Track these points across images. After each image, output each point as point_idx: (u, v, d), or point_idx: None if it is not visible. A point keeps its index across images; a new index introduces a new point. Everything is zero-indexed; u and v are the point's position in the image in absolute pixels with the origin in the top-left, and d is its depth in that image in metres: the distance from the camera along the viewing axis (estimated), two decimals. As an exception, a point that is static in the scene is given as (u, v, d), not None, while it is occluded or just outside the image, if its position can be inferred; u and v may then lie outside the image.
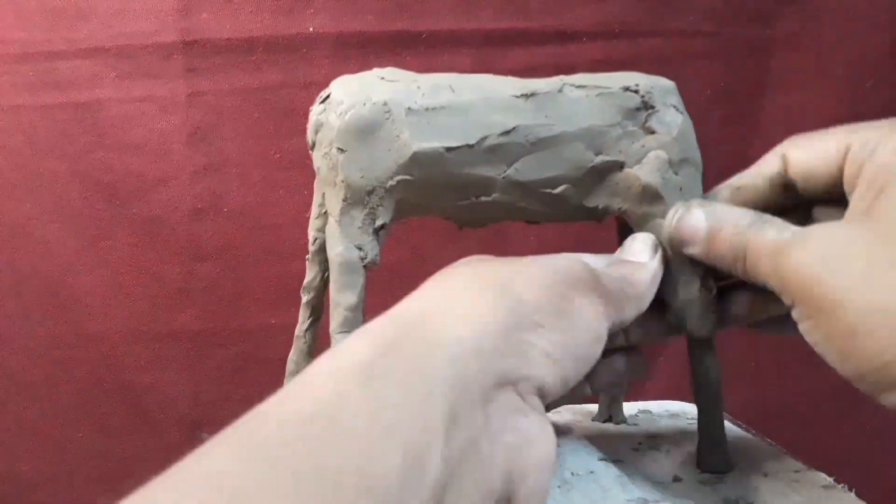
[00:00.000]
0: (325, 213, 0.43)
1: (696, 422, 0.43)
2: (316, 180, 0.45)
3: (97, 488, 0.78)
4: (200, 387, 0.78)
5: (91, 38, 0.73)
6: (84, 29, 0.73)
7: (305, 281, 0.47)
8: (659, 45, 0.77)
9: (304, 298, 0.47)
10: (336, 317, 0.40)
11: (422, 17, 0.75)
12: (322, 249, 0.45)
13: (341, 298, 0.40)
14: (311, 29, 0.74)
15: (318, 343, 0.49)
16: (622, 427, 0.52)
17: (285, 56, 0.74)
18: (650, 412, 0.54)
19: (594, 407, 0.56)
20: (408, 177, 0.39)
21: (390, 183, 0.39)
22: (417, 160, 0.38)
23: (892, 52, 0.78)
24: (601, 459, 0.44)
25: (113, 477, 0.78)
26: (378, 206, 0.39)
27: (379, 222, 0.40)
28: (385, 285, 0.76)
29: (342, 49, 0.74)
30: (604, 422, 0.54)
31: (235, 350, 0.78)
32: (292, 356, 0.49)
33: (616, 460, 0.43)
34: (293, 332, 0.49)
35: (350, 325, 0.40)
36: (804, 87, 0.79)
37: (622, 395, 0.54)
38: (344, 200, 0.39)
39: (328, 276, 0.46)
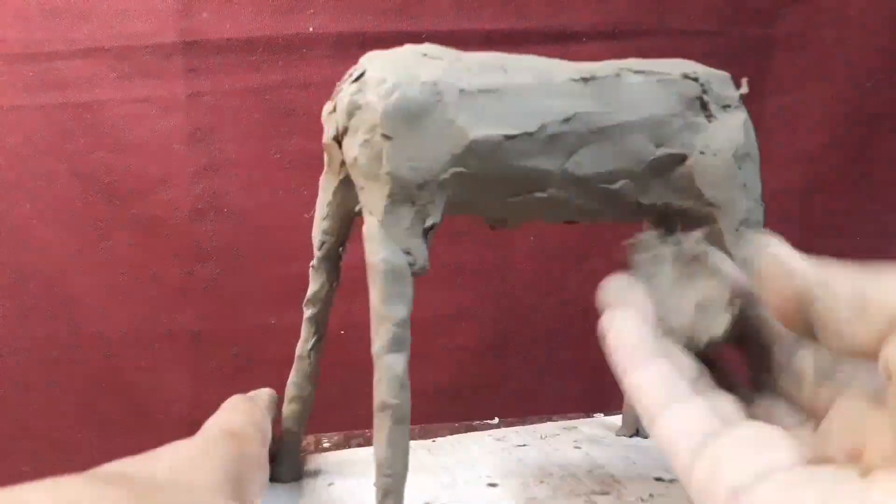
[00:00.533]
0: (335, 213, 0.39)
1: None
2: (322, 176, 0.41)
3: (97, 488, 0.78)
4: (200, 387, 0.78)
5: (91, 39, 0.73)
6: (84, 29, 0.73)
7: (309, 292, 0.41)
8: (659, 44, 0.77)
9: (308, 313, 0.42)
10: (383, 334, 0.34)
11: (422, 17, 0.75)
12: (330, 256, 0.40)
13: (389, 311, 0.33)
14: (311, 29, 0.74)
15: (321, 360, 0.44)
16: (652, 441, 0.51)
17: (285, 56, 0.74)
18: None
19: (617, 419, 0.54)
20: (463, 169, 0.33)
21: (444, 176, 0.33)
22: (474, 149, 0.33)
23: (893, 52, 0.78)
24: (657, 479, 0.42)
25: (113, 477, 0.78)
26: (429, 202, 0.33)
27: (429, 222, 0.33)
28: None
29: (342, 49, 0.74)
30: (630, 436, 0.52)
31: (235, 350, 0.78)
32: (293, 378, 0.44)
33: (672, 479, 0.41)
34: (293, 333, 0.47)
35: (399, 344, 0.34)
36: (804, 87, 0.79)
37: None
38: (389, 197, 0.33)
39: (336, 286, 0.41)
